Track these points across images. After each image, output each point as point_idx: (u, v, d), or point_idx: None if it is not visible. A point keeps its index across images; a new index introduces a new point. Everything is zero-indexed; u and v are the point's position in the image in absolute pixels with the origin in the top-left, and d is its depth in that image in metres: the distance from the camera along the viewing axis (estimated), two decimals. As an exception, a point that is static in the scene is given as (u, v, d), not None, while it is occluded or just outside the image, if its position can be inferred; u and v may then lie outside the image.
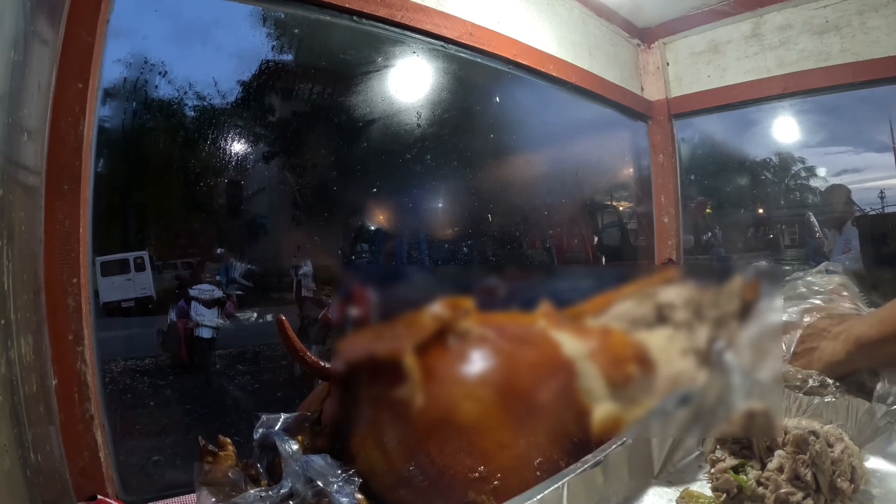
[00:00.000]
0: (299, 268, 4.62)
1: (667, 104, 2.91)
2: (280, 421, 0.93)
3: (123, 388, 3.38)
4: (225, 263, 4.58)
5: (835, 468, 0.79)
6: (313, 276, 4.57)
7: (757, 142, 4.47)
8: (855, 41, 2.36)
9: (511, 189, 4.52)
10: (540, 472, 0.85)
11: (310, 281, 4.55)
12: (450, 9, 2.02)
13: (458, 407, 0.88)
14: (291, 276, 4.64)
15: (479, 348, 0.95)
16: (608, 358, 0.96)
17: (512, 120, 3.90)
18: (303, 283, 4.56)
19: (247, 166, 4.37)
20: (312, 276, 4.57)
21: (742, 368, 0.92)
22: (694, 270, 1.92)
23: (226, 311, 4.29)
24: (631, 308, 1.04)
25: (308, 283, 4.55)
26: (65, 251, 1.18)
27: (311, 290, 4.52)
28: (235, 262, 4.59)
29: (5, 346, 0.90)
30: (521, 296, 1.07)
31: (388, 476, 0.86)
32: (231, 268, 4.57)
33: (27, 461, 0.93)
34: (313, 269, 4.59)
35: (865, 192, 4.68)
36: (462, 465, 0.84)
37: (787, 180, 5.74)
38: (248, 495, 0.82)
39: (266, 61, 4.60)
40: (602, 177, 4.73)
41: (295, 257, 4.67)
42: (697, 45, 2.81)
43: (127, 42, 3.66)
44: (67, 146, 1.19)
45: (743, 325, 0.97)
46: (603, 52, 2.70)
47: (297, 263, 4.64)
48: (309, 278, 4.56)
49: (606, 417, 0.92)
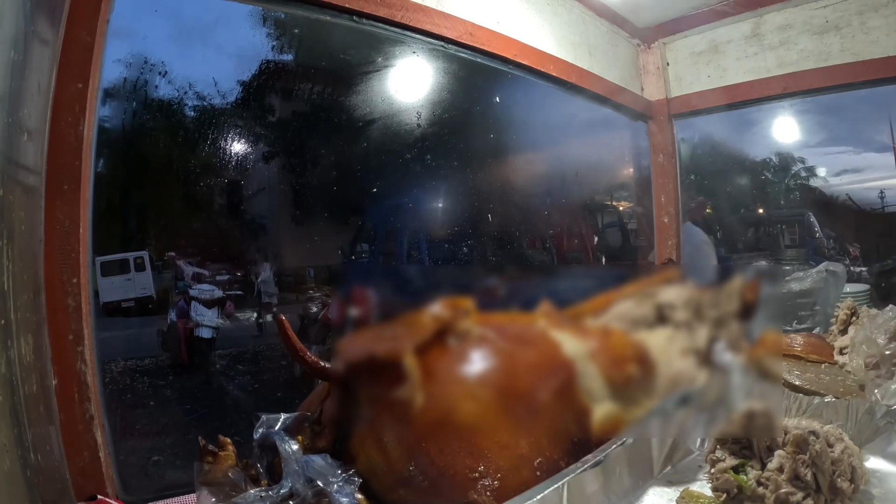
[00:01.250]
0: (258, 275, 4.53)
1: (667, 104, 2.91)
2: (280, 421, 0.93)
3: (123, 388, 3.38)
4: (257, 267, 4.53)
5: (835, 468, 0.79)
6: (274, 282, 4.51)
7: (757, 142, 4.47)
8: (855, 41, 2.36)
9: (511, 189, 4.52)
10: (540, 472, 0.85)
11: (270, 287, 4.48)
12: (450, 9, 2.02)
13: (459, 407, 0.88)
14: (253, 282, 4.56)
15: (478, 348, 0.95)
16: (608, 358, 0.96)
17: (512, 120, 3.90)
18: (262, 290, 4.49)
19: (247, 166, 4.37)
20: (274, 283, 4.51)
21: (742, 368, 0.92)
22: (694, 270, 1.92)
23: (226, 311, 4.29)
24: (631, 308, 1.04)
25: (269, 289, 4.47)
26: (65, 251, 1.18)
27: (272, 297, 4.45)
28: (266, 266, 4.56)
29: (5, 346, 0.90)
30: (521, 296, 1.07)
31: (388, 476, 0.86)
32: (265, 275, 4.51)
33: (27, 461, 0.93)
34: (273, 276, 4.52)
35: (865, 192, 4.68)
36: (462, 465, 0.84)
37: (787, 180, 5.74)
38: (248, 495, 0.82)
39: (266, 61, 4.60)
40: (602, 177, 4.73)
41: (254, 264, 4.59)
42: (697, 45, 2.81)
43: (127, 42, 3.66)
44: (67, 146, 1.19)
45: (743, 324, 0.97)
46: (603, 52, 2.70)
47: (257, 270, 4.55)
48: (269, 285, 4.48)
49: (606, 417, 0.92)
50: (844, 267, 1.92)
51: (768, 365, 0.93)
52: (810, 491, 0.77)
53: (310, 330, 3.94)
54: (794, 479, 0.78)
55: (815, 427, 0.82)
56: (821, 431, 0.81)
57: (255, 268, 4.60)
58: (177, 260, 4.31)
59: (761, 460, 0.81)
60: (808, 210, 4.83)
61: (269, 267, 4.57)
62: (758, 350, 0.95)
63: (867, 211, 4.64)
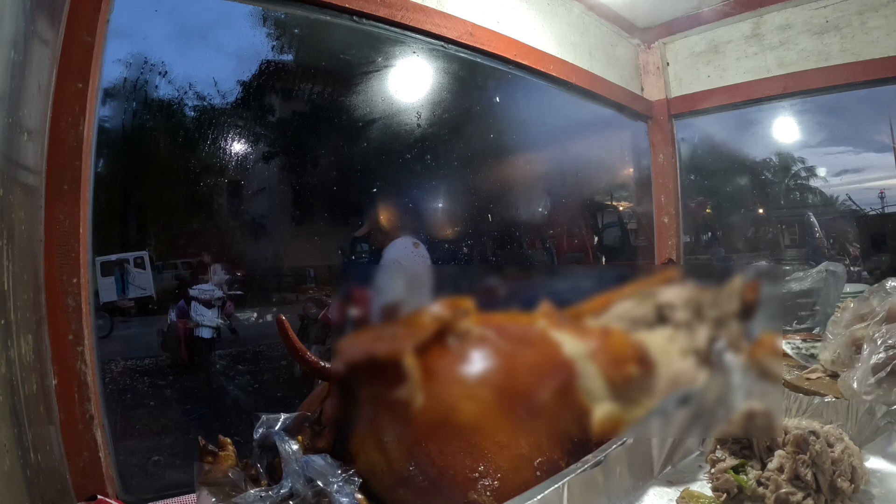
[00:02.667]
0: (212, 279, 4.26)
1: (667, 104, 2.92)
2: (280, 421, 0.93)
3: (123, 388, 3.38)
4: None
5: (835, 468, 0.79)
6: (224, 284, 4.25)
7: (757, 142, 4.46)
8: (855, 41, 2.36)
9: (511, 189, 4.52)
10: (540, 472, 0.85)
11: (212, 293, 4.20)
12: (450, 9, 2.02)
13: (459, 407, 0.88)
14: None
15: (479, 348, 0.95)
16: (608, 358, 0.96)
17: (512, 120, 3.90)
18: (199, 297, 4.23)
19: (247, 166, 4.36)
20: (223, 286, 4.23)
21: (742, 368, 0.92)
22: (694, 270, 1.92)
23: (226, 311, 4.28)
24: (631, 308, 1.04)
25: (204, 294, 4.20)
26: (65, 251, 1.18)
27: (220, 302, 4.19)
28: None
29: (5, 346, 0.90)
30: (521, 296, 1.07)
31: (388, 476, 0.86)
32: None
33: (27, 461, 0.93)
34: (222, 278, 4.25)
35: (865, 192, 4.68)
36: (462, 465, 0.84)
37: (787, 180, 5.74)
38: (248, 495, 0.82)
39: (266, 61, 4.59)
40: (602, 177, 4.73)
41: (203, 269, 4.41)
42: (697, 45, 2.81)
43: (127, 42, 3.65)
44: (67, 146, 1.19)
45: (743, 324, 0.97)
46: (603, 52, 2.70)
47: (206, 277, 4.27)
48: (206, 291, 4.21)
49: (606, 417, 0.92)
50: (844, 267, 1.92)
51: (768, 365, 0.93)
52: (810, 491, 0.77)
53: (310, 330, 3.93)
54: (794, 479, 0.78)
55: (815, 427, 0.82)
56: (821, 431, 0.81)
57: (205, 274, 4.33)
58: (210, 263, 4.19)
59: (761, 460, 0.81)
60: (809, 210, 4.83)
61: (221, 269, 4.32)
62: (758, 350, 0.95)
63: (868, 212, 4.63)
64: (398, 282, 1.23)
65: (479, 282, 1.10)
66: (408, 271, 2.25)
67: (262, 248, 4.89)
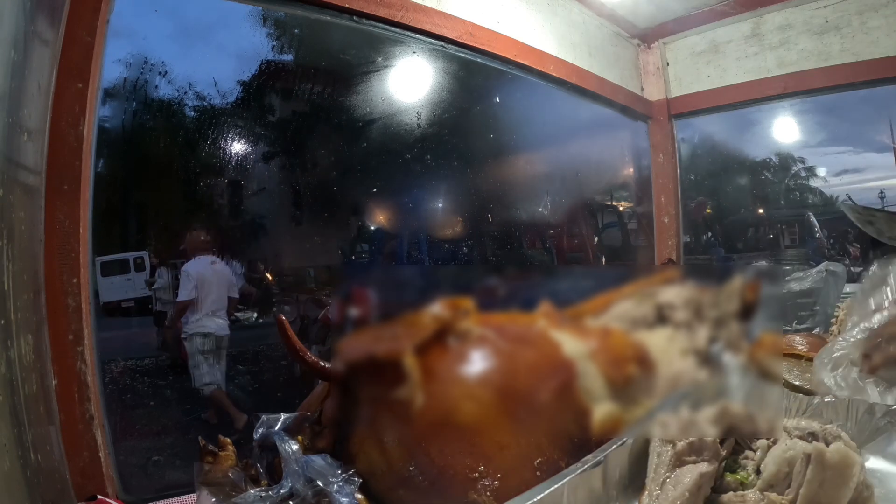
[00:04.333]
0: (153, 282, 4.24)
1: (667, 104, 2.91)
2: (280, 421, 0.93)
3: (123, 388, 3.38)
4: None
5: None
6: (171, 288, 4.07)
7: (757, 142, 4.47)
8: (855, 41, 2.36)
9: (511, 189, 4.52)
10: (540, 472, 0.85)
11: (166, 294, 4.13)
12: (450, 9, 2.02)
13: (459, 407, 0.88)
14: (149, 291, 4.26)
15: (478, 348, 0.95)
16: (608, 358, 0.96)
17: (512, 120, 3.90)
18: (157, 297, 4.22)
19: (247, 166, 4.37)
20: (170, 289, 4.08)
21: (742, 368, 0.92)
22: (694, 270, 1.92)
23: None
24: (631, 308, 1.04)
25: (164, 296, 4.14)
26: (65, 251, 1.18)
27: (167, 305, 4.05)
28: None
29: (5, 346, 0.90)
30: (521, 296, 1.07)
31: (388, 476, 0.86)
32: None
33: (27, 461, 0.93)
34: (169, 281, 4.12)
35: (865, 192, 4.68)
36: (462, 465, 0.84)
37: (787, 180, 5.74)
38: (248, 495, 0.82)
39: (266, 61, 4.60)
40: (602, 177, 4.73)
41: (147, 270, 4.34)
42: (697, 45, 2.81)
43: (127, 42, 3.66)
44: (67, 146, 1.19)
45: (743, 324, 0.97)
46: (603, 53, 2.70)
47: (153, 279, 4.26)
48: (166, 291, 4.14)
49: (606, 417, 0.92)
50: (844, 267, 1.92)
51: (768, 365, 0.93)
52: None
53: (310, 330, 3.93)
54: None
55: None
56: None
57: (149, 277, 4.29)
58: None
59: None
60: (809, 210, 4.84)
61: (166, 272, 4.20)
62: (758, 350, 0.95)
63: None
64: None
65: (479, 282, 1.10)
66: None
67: (262, 248, 4.90)
